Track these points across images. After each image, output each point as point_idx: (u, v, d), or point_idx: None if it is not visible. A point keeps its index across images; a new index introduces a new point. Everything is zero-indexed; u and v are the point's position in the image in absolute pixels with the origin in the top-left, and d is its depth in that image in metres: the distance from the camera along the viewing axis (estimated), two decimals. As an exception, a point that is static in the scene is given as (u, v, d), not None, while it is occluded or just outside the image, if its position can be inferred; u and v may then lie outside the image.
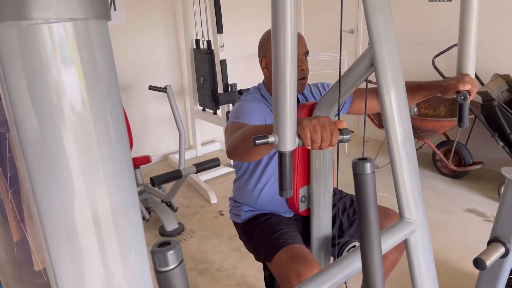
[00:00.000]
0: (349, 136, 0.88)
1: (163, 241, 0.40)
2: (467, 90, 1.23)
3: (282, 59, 0.77)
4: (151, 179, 2.07)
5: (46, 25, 0.40)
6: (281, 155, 0.80)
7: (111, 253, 0.52)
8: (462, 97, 1.23)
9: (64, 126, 0.44)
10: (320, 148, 0.88)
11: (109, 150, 0.48)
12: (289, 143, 0.80)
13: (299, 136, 0.86)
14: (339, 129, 0.88)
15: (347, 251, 1.44)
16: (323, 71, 3.57)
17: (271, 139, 0.79)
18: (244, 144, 1.06)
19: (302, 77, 1.39)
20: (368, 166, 0.54)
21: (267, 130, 0.93)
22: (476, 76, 3.14)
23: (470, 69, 1.29)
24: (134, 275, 0.56)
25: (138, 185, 2.92)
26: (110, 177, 0.49)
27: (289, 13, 0.75)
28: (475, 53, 1.27)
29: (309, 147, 0.87)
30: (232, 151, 1.15)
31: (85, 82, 0.45)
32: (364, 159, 0.55)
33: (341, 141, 0.88)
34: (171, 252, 0.38)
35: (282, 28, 0.76)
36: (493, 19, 3.11)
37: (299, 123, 0.87)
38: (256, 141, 0.79)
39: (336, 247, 1.55)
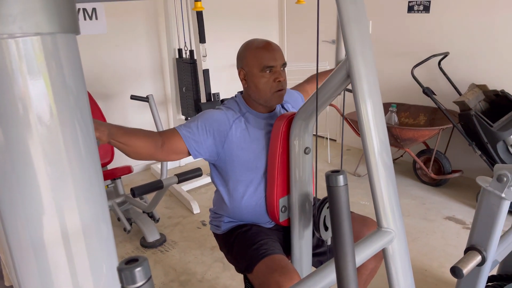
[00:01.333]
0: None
1: (131, 258, 0.39)
2: None
3: None
4: (132, 190, 2.04)
5: (12, 40, 0.39)
6: None
7: (81, 269, 0.51)
8: None
9: (31, 139, 0.44)
10: None
11: (79, 163, 0.48)
12: None
13: None
14: None
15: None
16: (299, 81, 3.60)
17: None
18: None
19: (280, 88, 1.41)
20: (341, 179, 0.55)
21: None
22: (454, 86, 3.21)
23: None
24: (105, 290, 0.54)
25: (119, 195, 2.88)
26: (80, 191, 0.49)
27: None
28: None
29: None
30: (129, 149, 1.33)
31: (53, 94, 0.44)
32: (337, 172, 0.56)
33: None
34: (138, 269, 0.38)
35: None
36: (469, 30, 3.20)
37: None
38: None
39: (316, 256, 1.55)
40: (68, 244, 0.49)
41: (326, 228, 1.32)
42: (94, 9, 3.28)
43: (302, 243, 1.47)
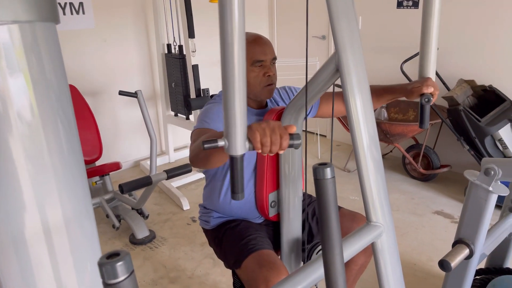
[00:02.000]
0: (299, 141, 0.89)
1: (112, 252, 0.38)
2: (430, 93, 1.26)
3: (230, 61, 0.77)
4: (120, 186, 2.02)
5: (-13, 28, 0.38)
6: (232, 158, 0.81)
7: (64, 265, 0.50)
8: (426, 99, 1.28)
9: (11, 135, 0.42)
10: (270, 152, 0.88)
11: (61, 159, 0.47)
12: (239, 147, 0.81)
13: (249, 140, 0.86)
14: (290, 134, 0.89)
15: (317, 254, 1.45)
16: (292, 76, 3.60)
17: (220, 143, 0.79)
18: (204, 151, 1.06)
19: (269, 83, 1.40)
20: (328, 171, 0.54)
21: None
22: (442, 82, 3.23)
23: (431, 73, 1.34)
24: (89, 287, 0.53)
25: (108, 192, 2.85)
26: (62, 187, 0.48)
27: (236, 14, 0.76)
28: (435, 58, 1.31)
29: (259, 151, 0.87)
30: (194, 159, 1.16)
31: (33, 89, 0.43)
32: (324, 164, 0.55)
33: (291, 145, 0.89)
34: (120, 263, 0.37)
35: (230, 29, 0.77)
36: (458, 26, 3.22)
37: (249, 127, 0.87)
38: (205, 145, 0.79)
39: (306, 252, 1.55)
40: (51, 240, 0.48)
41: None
42: (81, 4, 3.24)
43: (292, 238, 1.47)
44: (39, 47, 0.44)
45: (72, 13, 3.22)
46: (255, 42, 1.38)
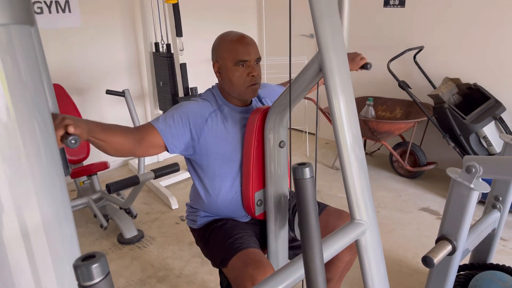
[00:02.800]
0: (73, 143, 1.01)
1: (88, 254, 0.39)
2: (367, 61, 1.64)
3: None
4: (107, 186, 2.01)
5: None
6: None
7: (43, 267, 0.50)
8: (369, 65, 1.63)
9: (-14, 137, 0.42)
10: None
11: (38, 161, 0.47)
12: None
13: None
14: (66, 132, 1.02)
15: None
16: (280, 75, 3.60)
17: None
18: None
19: (253, 83, 1.40)
20: (307, 171, 0.55)
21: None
22: (428, 80, 3.27)
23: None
24: (69, 289, 0.53)
25: (95, 192, 2.83)
26: (40, 189, 0.48)
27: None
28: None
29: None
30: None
31: (9, 91, 0.43)
32: (303, 164, 0.56)
33: (63, 141, 1.01)
34: (95, 265, 0.37)
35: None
36: (443, 25, 3.26)
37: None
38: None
39: (293, 250, 1.56)
40: (29, 243, 0.48)
41: None
42: (67, 2, 3.20)
43: (278, 236, 1.48)
44: (14, 49, 0.44)
45: (58, 12, 3.19)
46: (239, 42, 1.38)
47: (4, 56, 0.43)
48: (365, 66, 1.63)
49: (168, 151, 1.38)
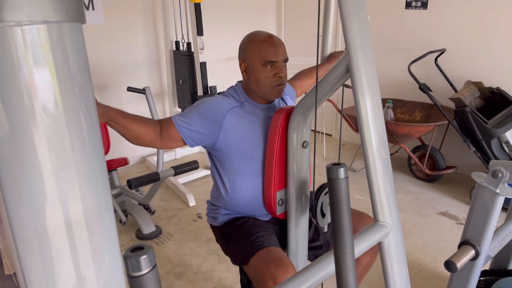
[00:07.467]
0: None
1: (136, 246, 0.40)
2: None
3: None
4: (128, 181, 2.04)
5: (18, 27, 0.39)
6: None
7: (83, 257, 0.51)
8: None
9: (36, 128, 0.44)
10: None
11: (83, 153, 0.48)
12: None
13: None
14: None
15: (325, 194, 1.40)
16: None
17: None
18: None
19: (279, 83, 1.41)
20: (341, 171, 0.55)
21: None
22: (450, 83, 3.22)
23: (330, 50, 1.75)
24: (107, 279, 0.55)
25: (115, 187, 2.87)
26: (83, 180, 0.49)
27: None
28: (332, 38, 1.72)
29: None
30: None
31: (58, 84, 0.44)
32: (338, 164, 0.56)
33: None
34: (144, 257, 0.38)
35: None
36: (465, 28, 3.21)
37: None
38: None
39: (312, 250, 1.56)
40: (71, 232, 0.49)
41: (323, 215, 1.33)
42: (91, 0, 3.25)
43: (298, 236, 1.48)
44: (65, 45, 0.45)
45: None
46: (268, 43, 1.39)
47: (55, 51, 0.44)
48: None
49: (188, 145, 1.44)
